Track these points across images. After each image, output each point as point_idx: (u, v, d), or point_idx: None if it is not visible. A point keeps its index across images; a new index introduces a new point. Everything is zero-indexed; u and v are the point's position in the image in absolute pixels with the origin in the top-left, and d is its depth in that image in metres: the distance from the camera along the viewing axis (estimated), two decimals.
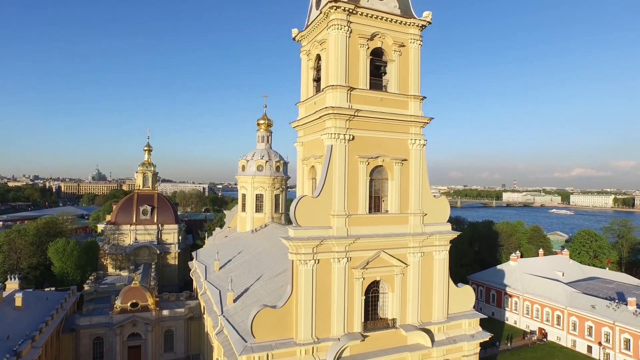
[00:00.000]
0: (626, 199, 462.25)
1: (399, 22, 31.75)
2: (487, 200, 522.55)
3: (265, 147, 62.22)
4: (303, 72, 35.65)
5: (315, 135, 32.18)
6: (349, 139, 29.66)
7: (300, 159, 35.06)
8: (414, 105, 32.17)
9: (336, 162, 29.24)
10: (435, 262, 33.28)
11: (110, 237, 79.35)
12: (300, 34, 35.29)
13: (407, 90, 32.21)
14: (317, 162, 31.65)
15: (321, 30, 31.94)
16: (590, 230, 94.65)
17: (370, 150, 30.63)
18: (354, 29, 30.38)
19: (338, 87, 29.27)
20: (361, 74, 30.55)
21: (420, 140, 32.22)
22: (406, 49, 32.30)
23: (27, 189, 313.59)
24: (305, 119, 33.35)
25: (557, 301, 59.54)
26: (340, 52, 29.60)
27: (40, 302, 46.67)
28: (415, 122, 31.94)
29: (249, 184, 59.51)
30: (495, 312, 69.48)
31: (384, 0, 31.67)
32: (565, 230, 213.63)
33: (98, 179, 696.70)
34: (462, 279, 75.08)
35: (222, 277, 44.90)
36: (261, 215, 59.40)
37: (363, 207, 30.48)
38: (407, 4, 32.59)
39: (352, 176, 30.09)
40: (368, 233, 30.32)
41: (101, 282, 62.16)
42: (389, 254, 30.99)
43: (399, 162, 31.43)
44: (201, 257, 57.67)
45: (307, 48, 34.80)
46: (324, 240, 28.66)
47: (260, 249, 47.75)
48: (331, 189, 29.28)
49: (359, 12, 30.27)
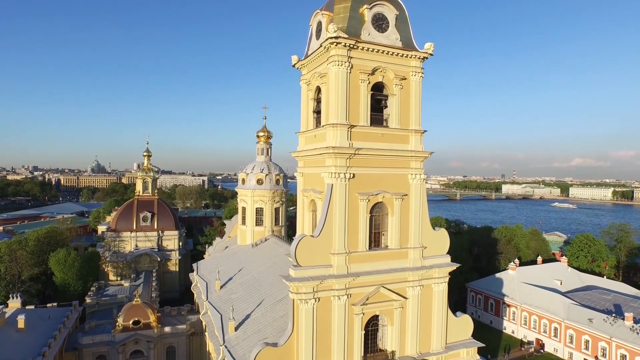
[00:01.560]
0: (625, 191, 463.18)
1: (400, 55, 31.41)
2: (487, 193, 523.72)
3: (265, 160, 62.07)
4: (303, 101, 35.37)
5: (315, 170, 32.09)
6: (349, 177, 29.59)
7: (300, 190, 35.01)
8: (415, 140, 32.03)
9: (336, 201, 29.22)
10: (434, 293, 33.51)
11: (111, 244, 79.67)
12: (301, 62, 34.93)
13: (408, 125, 32.02)
14: (317, 197, 31.62)
15: (321, 62, 31.61)
16: (588, 235, 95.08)
17: (371, 187, 30.59)
18: (355, 64, 30.06)
19: (339, 125, 29.09)
20: (362, 110, 30.33)
21: (420, 174, 32.14)
22: (407, 82, 32.00)
23: (27, 183, 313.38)
24: (305, 152, 33.24)
25: (554, 313, 60.13)
26: (340, 89, 29.33)
27: (43, 321, 47.08)
28: (416, 157, 31.84)
29: (249, 198, 59.51)
30: (494, 321, 70.22)
31: (385, 33, 31.28)
32: (566, 228, 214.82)
33: (97, 170, 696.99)
34: (460, 287, 75.90)
35: (223, 297, 45.24)
36: (261, 228, 59.54)
37: (363, 244, 30.57)
38: (408, 35, 32.20)
39: (353, 213, 30.10)
40: (368, 270, 30.47)
41: (103, 294, 62.66)
42: (389, 289, 31.19)
43: (400, 198, 31.42)
44: (202, 270, 57.97)
45: (307, 77, 34.46)
46: (325, 279, 28.83)
47: (261, 268, 47.98)
48: (331, 228, 29.32)
49: (359, 47, 29.93)
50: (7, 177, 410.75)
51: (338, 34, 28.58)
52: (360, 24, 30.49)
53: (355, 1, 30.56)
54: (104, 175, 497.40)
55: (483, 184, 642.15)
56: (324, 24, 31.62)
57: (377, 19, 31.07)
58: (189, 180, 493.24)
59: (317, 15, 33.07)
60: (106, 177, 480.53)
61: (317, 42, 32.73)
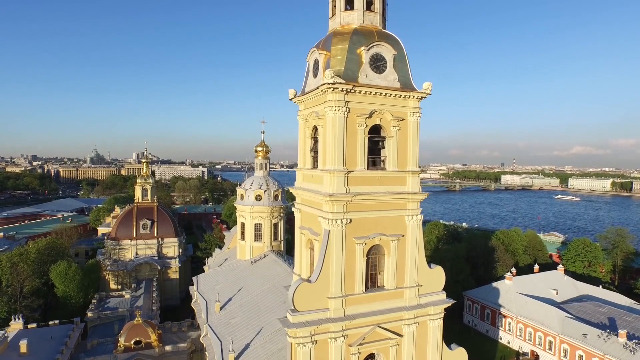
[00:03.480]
0: (624, 182, 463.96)
1: (398, 96, 31.23)
2: (486, 183, 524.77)
3: (264, 175, 62.06)
4: (300, 136, 35.26)
5: (312, 210, 32.21)
6: (346, 223, 29.75)
7: (297, 226, 35.19)
8: (412, 181, 32.07)
9: (333, 247, 29.43)
10: (429, 329, 33.96)
11: (111, 253, 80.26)
12: (298, 98, 34.76)
13: (405, 166, 32.01)
14: (314, 239, 31.80)
15: (318, 103, 31.44)
16: (585, 240, 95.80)
17: (368, 231, 30.76)
18: (352, 108, 29.91)
19: (335, 172, 29.10)
20: (359, 154, 30.30)
21: (417, 215, 32.28)
22: (405, 122, 31.87)
23: (26, 177, 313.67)
24: (303, 190, 33.35)
25: (549, 327, 61.02)
26: (338, 135, 29.25)
27: (45, 342, 47.82)
28: (413, 198, 31.93)
29: (248, 214, 59.73)
30: (490, 330, 71.28)
31: (383, 74, 31.04)
32: (564, 224, 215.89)
33: (97, 160, 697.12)
34: (457, 295, 76.65)
35: (222, 320, 45.85)
36: (260, 244, 59.92)
37: (359, 286, 30.90)
38: (407, 75, 31.92)
39: (349, 257, 30.33)
40: (364, 311, 30.85)
41: (104, 307, 63.43)
42: (384, 328, 31.67)
43: (396, 240, 31.63)
44: (201, 286, 58.54)
45: (304, 114, 34.32)
46: (322, 324, 29.24)
47: (259, 289, 48.51)
48: (328, 273, 29.59)
49: (357, 90, 29.75)
50: (6, 169, 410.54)
51: (335, 79, 28.38)
52: (357, 65, 30.24)
53: (352, 43, 30.27)
54: (103, 167, 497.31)
55: (483, 174, 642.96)
56: (321, 63, 31.37)
57: (374, 59, 30.79)
58: (188, 171, 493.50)
59: (313, 53, 32.79)
60: (105, 168, 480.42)
61: (315, 80, 32.52)
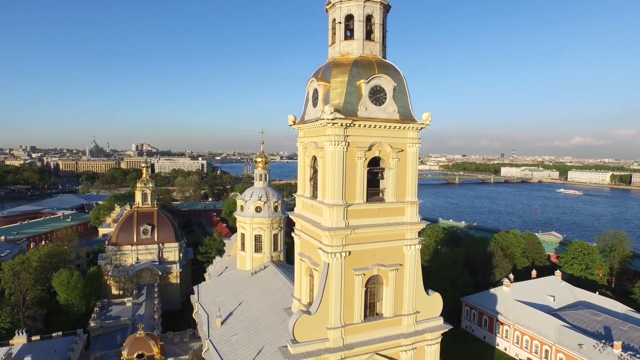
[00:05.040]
0: (623, 175, 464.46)
1: (398, 128, 31.30)
2: (485, 176, 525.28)
3: (264, 186, 62.28)
4: (300, 162, 35.43)
5: (312, 240, 32.54)
6: (345, 255, 30.09)
7: (297, 252, 35.57)
8: (411, 211, 32.33)
9: (332, 279, 29.83)
10: (426, 354, 34.57)
11: (112, 258, 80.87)
12: (297, 125, 34.87)
13: (404, 196, 32.24)
14: (314, 269, 32.17)
15: (318, 134, 31.55)
16: (583, 243, 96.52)
17: (366, 262, 31.14)
18: (352, 142, 30.03)
19: (335, 206, 29.35)
20: (358, 187, 30.49)
21: (415, 245, 32.61)
22: (404, 153, 32.00)
23: (26, 171, 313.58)
24: (303, 218, 33.64)
25: (546, 335, 61.88)
26: (337, 169, 29.40)
27: (49, 356, 48.58)
28: (412, 228, 32.22)
29: (248, 225, 60.12)
30: (487, 337, 72.27)
31: (382, 106, 31.08)
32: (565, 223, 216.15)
33: (96, 152, 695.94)
34: (455, 301, 77.59)
35: (224, 337, 46.52)
36: (260, 255, 60.46)
37: (358, 316, 31.38)
38: (406, 106, 31.95)
39: (348, 288, 30.75)
40: (363, 339, 31.40)
41: (106, 316, 64.15)
42: (383, 355, 32.26)
43: (394, 270, 32.02)
44: (202, 297, 59.19)
45: (303, 141, 34.45)
46: (322, 354, 29.79)
47: (260, 304, 49.11)
48: (328, 305, 30.05)
49: (357, 124, 29.83)
50: (6, 162, 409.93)
51: (334, 115, 28.45)
52: (357, 98, 30.26)
53: (352, 75, 30.25)
54: (103, 160, 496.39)
55: (482, 166, 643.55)
56: (320, 94, 31.37)
57: (374, 91, 30.81)
58: (187, 164, 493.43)
59: (312, 83, 32.76)
60: (105, 161, 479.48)
61: (314, 110, 32.57)
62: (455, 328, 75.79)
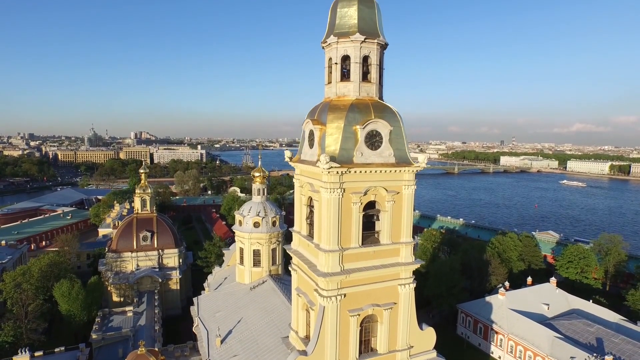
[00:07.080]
0: (622, 165, 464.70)
1: (394, 172, 31.45)
2: (484, 166, 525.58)
3: (262, 201, 62.64)
4: (296, 198, 35.71)
5: (308, 280, 33.07)
6: (340, 298, 30.64)
7: (294, 287, 36.13)
8: (406, 252, 32.75)
9: (328, 322, 30.46)
10: None
11: (112, 265, 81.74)
12: (293, 162, 35.02)
13: (399, 237, 32.59)
14: (311, 308, 32.77)
15: (314, 177, 31.72)
16: (579, 247, 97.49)
17: (361, 303, 31.71)
18: (347, 187, 30.21)
19: (330, 252, 29.75)
20: (354, 231, 30.82)
21: (409, 284, 33.15)
22: (399, 196, 32.22)
23: (25, 163, 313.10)
24: (300, 255, 34.13)
25: (539, 347, 63.20)
26: (332, 216, 29.67)
27: None
28: (406, 268, 32.69)
29: (247, 240, 60.75)
30: (482, 344, 73.74)
31: (378, 150, 31.14)
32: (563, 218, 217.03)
33: (95, 140, 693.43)
34: (451, 307, 78.89)
35: (223, 357, 47.58)
36: (259, 269, 61.28)
37: (353, 355, 32.10)
38: (402, 148, 32.00)
39: (343, 328, 31.40)
40: None
41: (108, 326, 65.28)
42: None
43: (389, 309, 32.64)
44: (202, 311, 60.12)
45: (300, 179, 34.65)
46: None
47: (258, 324, 50.04)
48: (324, 345, 30.76)
49: (352, 171, 29.99)
50: (4, 152, 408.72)
51: (330, 165, 28.56)
52: (353, 144, 30.31)
53: (348, 120, 30.23)
54: (102, 150, 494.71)
55: (482, 155, 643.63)
56: (316, 137, 31.45)
57: (370, 136, 30.85)
58: (186, 153, 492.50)
59: (308, 124, 32.74)
60: (104, 151, 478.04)
61: (310, 151, 32.70)
62: (451, 334, 77.63)
